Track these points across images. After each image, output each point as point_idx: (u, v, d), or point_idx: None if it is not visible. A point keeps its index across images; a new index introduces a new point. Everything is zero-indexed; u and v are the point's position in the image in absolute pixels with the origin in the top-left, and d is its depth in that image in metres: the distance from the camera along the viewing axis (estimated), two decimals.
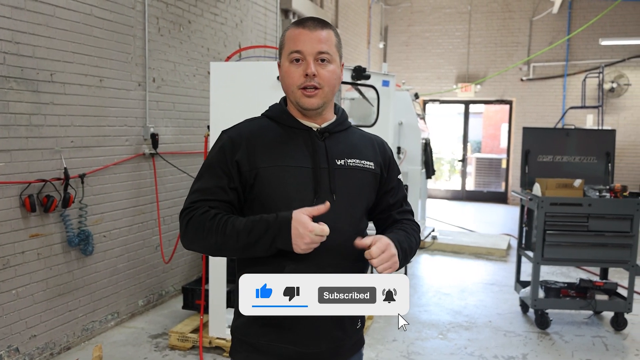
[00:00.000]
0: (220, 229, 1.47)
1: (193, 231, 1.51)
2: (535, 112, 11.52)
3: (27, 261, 3.63)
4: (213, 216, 1.50)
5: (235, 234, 1.46)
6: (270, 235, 1.44)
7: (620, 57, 10.88)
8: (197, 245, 1.55)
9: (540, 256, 4.53)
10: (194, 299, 4.35)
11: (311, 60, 1.53)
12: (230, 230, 1.47)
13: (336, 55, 1.59)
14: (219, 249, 1.51)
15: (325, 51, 1.55)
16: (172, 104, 5.02)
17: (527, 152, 5.04)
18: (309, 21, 1.58)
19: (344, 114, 1.71)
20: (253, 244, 1.46)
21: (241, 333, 1.61)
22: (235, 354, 1.64)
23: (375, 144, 1.72)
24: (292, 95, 1.58)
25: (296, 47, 1.54)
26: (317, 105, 1.56)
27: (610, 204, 4.48)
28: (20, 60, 3.50)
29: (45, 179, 3.68)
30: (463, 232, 8.56)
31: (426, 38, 12.34)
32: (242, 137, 1.57)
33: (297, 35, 1.56)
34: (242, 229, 1.46)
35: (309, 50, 1.53)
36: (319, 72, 1.54)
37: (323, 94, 1.56)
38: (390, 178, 1.72)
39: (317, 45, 1.54)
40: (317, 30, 1.55)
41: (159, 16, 4.79)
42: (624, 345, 4.34)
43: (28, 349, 3.66)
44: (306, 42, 1.54)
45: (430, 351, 4.16)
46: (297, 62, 1.55)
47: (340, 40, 1.63)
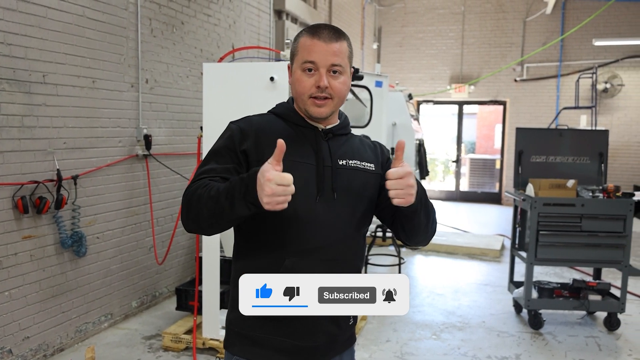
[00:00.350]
0: (206, 193, 1.44)
1: (188, 205, 1.49)
2: (529, 113, 11.55)
3: (20, 263, 3.62)
4: (205, 185, 1.47)
5: (216, 195, 1.42)
6: (242, 190, 1.38)
7: (613, 58, 10.92)
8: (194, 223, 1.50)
9: (533, 256, 4.54)
10: (188, 300, 4.34)
11: (324, 72, 1.56)
12: (214, 191, 1.43)
13: (347, 67, 1.62)
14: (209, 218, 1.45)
15: (338, 64, 1.57)
16: (165, 105, 5.01)
17: (521, 152, 5.05)
18: (324, 31, 1.58)
19: (347, 119, 1.75)
20: (231, 203, 1.40)
21: (237, 326, 1.62)
22: (230, 347, 1.65)
23: (375, 147, 1.78)
24: (301, 103, 1.61)
25: (310, 57, 1.56)
26: (326, 114, 1.60)
27: (603, 204, 4.49)
28: (13, 61, 3.49)
29: (38, 181, 3.67)
30: (457, 233, 8.58)
31: (420, 39, 12.36)
32: (251, 127, 1.60)
33: (312, 45, 1.57)
34: (222, 188, 1.42)
35: (322, 62, 1.56)
36: (330, 83, 1.56)
37: (332, 104, 1.59)
38: None
39: (330, 58, 1.56)
40: (332, 42, 1.57)
41: (151, 17, 4.78)
42: (617, 345, 4.36)
43: (21, 351, 3.65)
44: (320, 53, 1.56)
45: (423, 351, 4.17)
46: (310, 71, 1.57)
47: (352, 50, 1.66)
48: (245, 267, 1.60)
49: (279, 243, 1.56)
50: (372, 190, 1.69)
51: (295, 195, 1.49)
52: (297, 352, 1.59)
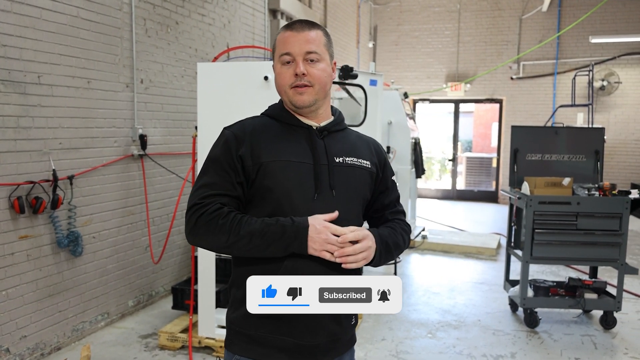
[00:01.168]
0: (234, 229, 1.50)
1: (204, 228, 1.52)
2: (526, 111, 11.56)
3: (16, 262, 3.63)
4: (226, 214, 1.52)
5: (249, 235, 1.49)
6: (286, 241, 1.50)
7: (610, 55, 10.93)
8: (205, 242, 1.55)
9: (529, 255, 4.54)
10: (184, 299, 4.35)
11: (300, 60, 1.59)
12: (245, 231, 1.49)
13: (325, 54, 1.64)
14: (228, 248, 1.52)
15: (314, 51, 1.60)
16: (160, 105, 5.01)
17: (516, 150, 5.04)
18: (297, 23, 1.64)
19: (341, 115, 1.77)
20: (266, 247, 1.50)
21: (238, 325, 1.62)
22: (231, 346, 1.65)
23: (371, 145, 1.78)
24: (285, 96, 1.64)
25: (285, 49, 1.60)
26: (309, 102, 1.61)
27: (599, 202, 4.49)
28: (7, 62, 3.49)
29: (33, 181, 3.68)
30: (453, 232, 8.59)
31: (416, 37, 12.36)
32: (245, 132, 1.61)
33: (287, 37, 1.62)
34: (257, 231, 1.50)
35: (297, 51, 1.59)
36: (308, 70, 1.59)
37: (314, 91, 1.61)
38: (385, 178, 1.78)
39: (304, 45, 1.59)
40: (304, 31, 1.61)
41: (146, 17, 4.78)
42: (612, 343, 4.37)
43: (18, 349, 3.67)
44: (294, 43, 1.60)
45: (419, 350, 4.18)
46: (288, 63, 1.61)
47: (330, 40, 1.69)
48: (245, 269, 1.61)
49: None
50: (366, 187, 1.71)
51: (292, 195, 1.57)
52: (299, 350, 1.59)
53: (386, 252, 1.64)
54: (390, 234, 1.68)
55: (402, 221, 1.79)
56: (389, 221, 1.76)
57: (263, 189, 1.57)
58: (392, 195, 1.79)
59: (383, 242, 1.62)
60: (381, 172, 1.76)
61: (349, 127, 1.79)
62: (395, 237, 1.69)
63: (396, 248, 1.69)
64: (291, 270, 1.54)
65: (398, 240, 1.70)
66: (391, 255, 1.67)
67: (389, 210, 1.78)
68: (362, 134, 1.84)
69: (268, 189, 1.57)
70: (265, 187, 1.57)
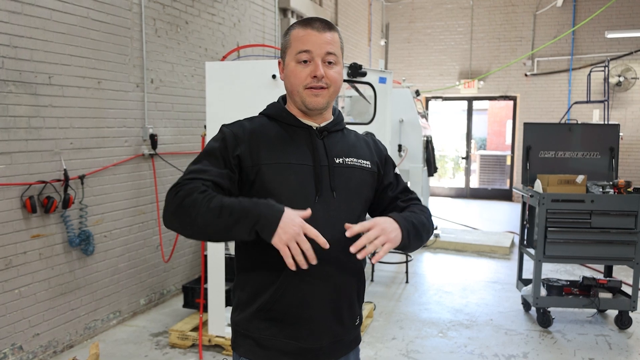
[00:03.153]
0: (205, 202, 1.39)
1: (177, 202, 1.42)
2: (540, 108, 11.43)
3: (29, 261, 3.67)
4: (203, 190, 1.43)
5: (219, 208, 1.38)
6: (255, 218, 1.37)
7: (627, 50, 10.74)
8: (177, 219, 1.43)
9: (541, 254, 4.49)
10: (194, 298, 4.37)
11: (319, 61, 1.55)
12: (216, 203, 1.38)
13: (340, 57, 1.61)
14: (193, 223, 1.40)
15: (333, 52, 1.56)
16: (170, 104, 5.03)
17: (529, 148, 4.98)
18: (317, 22, 1.58)
19: (340, 115, 1.73)
20: (233, 224, 1.38)
21: (243, 327, 1.61)
22: (237, 348, 1.64)
23: (370, 144, 1.75)
24: (297, 95, 1.58)
25: (305, 47, 1.55)
26: (323, 105, 1.58)
27: (614, 200, 4.42)
28: (19, 63, 3.52)
29: (45, 181, 3.71)
30: (466, 230, 8.52)
31: (428, 34, 12.28)
32: (245, 132, 1.57)
33: (305, 36, 1.56)
34: (228, 204, 1.39)
35: (317, 51, 1.54)
36: (326, 73, 1.55)
37: (329, 94, 1.58)
38: (387, 174, 1.75)
39: (325, 46, 1.55)
40: (325, 32, 1.56)
41: (155, 17, 4.80)
42: (628, 344, 4.30)
43: (32, 347, 3.71)
44: (315, 43, 1.54)
45: (429, 349, 4.15)
46: (305, 62, 1.56)
47: (342, 42, 1.66)
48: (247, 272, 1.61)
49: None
50: (368, 188, 1.68)
51: (294, 197, 1.52)
52: (302, 353, 1.58)
53: (415, 232, 1.57)
54: (411, 215, 1.61)
55: (419, 205, 1.73)
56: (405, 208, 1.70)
57: (263, 191, 1.52)
58: (399, 187, 1.76)
59: (408, 222, 1.55)
60: (382, 170, 1.73)
61: (347, 127, 1.76)
62: (419, 217, 1.62)
63: (423, 228, 1.62)
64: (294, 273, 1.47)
65: (422, 219, 1.63)
66: (420, 236, 1.60)
67: (401, 200, 1.73)
68: (359, 132, 1.81)
69: (268, 192, 1.52)
70: (265, 190, 1.53)
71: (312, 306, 1.55)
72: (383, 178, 1.73)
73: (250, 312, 1.58)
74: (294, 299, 1.54)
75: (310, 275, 1.52)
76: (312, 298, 1.55)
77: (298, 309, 1.55)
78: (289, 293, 1.54)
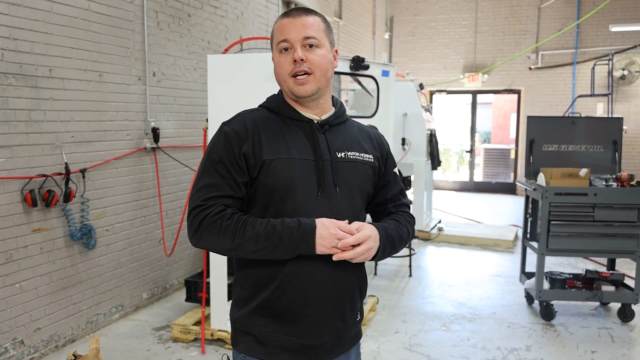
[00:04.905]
0: (239, 231, 1.45)
1: (208, 231, 1.47)
2: (544, 102, 11.37)
3: (30, 255, 3.66)
4: (230, 216, 1.47)
5: (255, 238, 1.45)
6: (294, 243, 1.45)
7: (631, 44, 10.68)
8: (209, 245, 1.50)
9: (544, 247, 4.47)
10: (197, 292, 4.37)
11: (298, 46, 1.53)
12: (250, 233, 1.45)
13: (325, 40, 1.58)
14: (233, 250, 1.47)
15: (312, 36, 1.54)
16: (172, 97, 5.01)
17: (532, 141, 4.96)
18: (294, 10, 1.58)
19: (342, 106, 1.71)
20: (273, 249, 1.46)
21: (242, 324, 1.60)
22: (237, 345, 1.63)
23: (373, 138, 1.73)
24: (284, 85, 1.57)
25: (282, 36, 1.54)
26: (311, 91, 1.55)
27: (617, 193, 4.40)
28: (19, 56, 3.51)
29: (46, 174, 3.70)
30: (470, 224, 8.50)
31: (432, 28, 12.22)
32: (246, 129, 1.55)
33: (284, 25, 1.56)
34: (263, 233, 1.45)
35: (294, 37, 1.53)
36: (307, 57, 1.53)
37: (315, 79, 1.55)
38: (387, 172, 1.74)
39: (302, 30, 1.53)
40: (301, 16, 1.55)
41: (157, 10, 4.77)
42: (630, 336, 4.29)
43: (33, 342, 3.71)
44: (291, 29, 1.54)
45: (432, 343, 4.14)
46: (286, 51, 1.55)
47: (330, 27, 1.63)
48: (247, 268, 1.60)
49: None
50: (369, 182, 1.67)
51: (296, 193, 1.52)
52: (303, 350, 1.57)
53: (390, 247, 1.62)
54: (396, 227, 1.66)
55: (407, 213, 1.76)
56: (393, 214, 1.74)
57: (266, 187, 1.52)
58: (395, 189, 1.76)
59: (389, 238, 1.60)
60: (383, 166, 1.72)
61: (350, 118, 1.73)
62: (400, 230, 1.67)
63: (400, 241, 1.67)
64: (295, 269, 1.52)
65: (402, 233, 1.68)
66: (395, 249, 1.66)
67: (392, 204, 1.75)
68: (364, 125, 1.79)
69: (271, 188, 1.52)
70: (268, 186, 1.52)
71: (313, 303, 1.54)
72: (383, 175, 1.73)
73: (250, 309, 1.57)
74: (295, 295, 1.53)
75: (312, 271, 1.52)
76: (313, 295, 1.54)
77: (299, 305, 1.54)
78: (290, 290, 1.53)
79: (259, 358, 1.58)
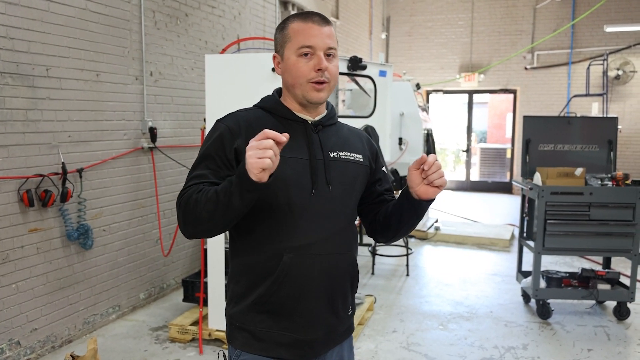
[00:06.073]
0: (203, 196, 1.43)
1: (183, 209, 1.48)
2: (540, 101, 11.41)
3: (26, 255, 3.65)
4: (200, 189, 1.47)
5: (214, 194, 1.41)
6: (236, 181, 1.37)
7: (625, 44, 10.73)
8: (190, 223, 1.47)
9: (541, 246, 4.49)
10: (194, 292, 4.36)
11: (322, 55, 1.56)
12: (211, 193, 1.42)
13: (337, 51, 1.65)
14: (209, 219, 1.43)
15: (334, 47, 1.59)
16: (170, 97, 5.01)
17: (528, 141, 4.99)
18: (316, 16, 1.60)
19: (333, 109, 1.74)
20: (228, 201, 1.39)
21: (238, 320, 1.62)
22: (233, 341, 1.65)
23: (362, 139, 1.78)
24: (299, 89, 1.58)
25: (308, 41, 1.55)
26: (325, 99, 1.61)
27: (612, 192, 4.43)
28: (16, 55, 3.49)
29: (42, 174, 3.69)
30: (466, 223, 8.52)
31: (429, 28, 12.24)
32: (240, 125, 1.57)
33: (307, 29, 1.56)
34: (220, 189, 1.41)
35: (320, 45, 1.56)
36: (328, 67, 1.57)
37: (329, 87, 1.60)
38: (377, 169, 1.78)
39: (327, 40, 1.57)
40: (324, 25, 1.59)
41: (155, 9, 4.77)
42: (626, 334, 4.31)
43: (29, 342, 3.69)
44: (317, 37, 1.56)
45: (430, 342, 4.15)
46: (306, 56, 1.56)
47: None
48: (242, 265, 1.62)
49: (275, 239, 1.56)
50: (361, 181, 1.70)
51: (290, 191, 1.54)
52: (298, 345, 1.60)
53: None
54: None
55: None
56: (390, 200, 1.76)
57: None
58: (386, 184, 1.80)
59: None
60: (374, 164, 1.76)
61: (339, 121, 1.78)
62: None
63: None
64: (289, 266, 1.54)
65: None
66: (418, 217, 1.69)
67: (388, 195, 1.79)
68: (352, 126, 1.83)
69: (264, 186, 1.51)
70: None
71: (308, 298, 1.58)
72: (374, 173, 1.76)
73: (246, 305, 1.59)
74: (291, 291, 1.56)
75: (307, 266, 1.56)
76: (308, 290, 1.57)
77: (294, 301, 1.57)
78: (286, 286, 1.55)
79: (255, 354, 1.60)
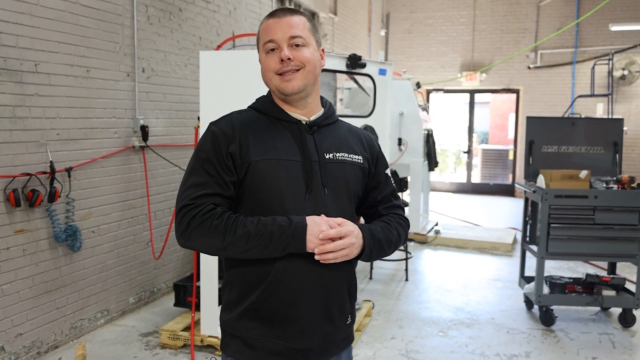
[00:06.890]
0: (230, 230, 1.45)
1: (197, 230, 1.46)
2: (543, 102, 11.29)
3: (12, 257, 3.54)
4: (220, 214, 1.47)
5: (246, 236, 1.44)
6: (285, 241, 1.45)
7: (631, 43, 10.63)
8: (198, 245, 1.50)
9: (544, 250, 4.40)
10: (186, 296, 4.24)
11: (285, 46, 1.54)
12: (241, 231, 1.44)
13: (311, 39, 1.59)
14: (223, 250, 1.47)
15: (298, 35, 1.55)
16: (162, 94, 4.90)
17: (531, 142, 4.90)
18: (279, 10, 1.60)
19: (332, 107, 1.71)
20: (264, 248, 1.45)
21: (231, 327, 1.60)
22: (226, 348, 1.63)
23: (363, 139, 1.73)
24: (271, 84, 1.58)
25: (268, 36, 1.56)
26: (298, 88, 1.56)
27: (618, 195, 4.35)
28: (3, 50, 3.40)
29: (30, 173, 3.59)
30: (467, 226, 8.40)
31: (429, 25, 12.11)
32: (234, 129, 1.56)
33: (269, 25, 1.57)
34: (254, 231, 1.45)
35: (280, 36, 1.54)
36: (294, 55, 1.54)
37: (303, 75, 1.56)
38: (377, 173, 1.73)
39: (288, 30, 1.54)
40: (287, 16, 1.57)
41: (147, 4, 4.66)
42: (631, 342, 4.21)
43: (14, 348, 3.58)
44: (277, 29, 1.55)
45: (429, 349, 4.03)
46: (272, 51, 1.56)
47: (316, 27, 1.64)
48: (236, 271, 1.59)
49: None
50: (358, 184, 1.67)
51: (284, 194, 1.53)
52: (291, 354, 1.56)
53: (378, 249, 1.60)
54: (384, 228, 1.65)
55: (398, 215, 1.75)
56: (384, 216, 1.72)
57: (253, 188, 1.53)
58: (386, 190, 1.75)
59: (375, 239, 1.59)
60: (373, 167, 1.72)
61: (340, 119, 1.74)
62: (388, 232, 1.65)
63: (389, 244, 1.65)
64: (283, 272, 1.52)
65: (391, 235, 1.66)
66: (384, 251, 1.64)
67: (383, 205, 1.74)
68: (354, 125, 1.78)
69: (258, 189, 1.53)
70: (255, 187, 1.53)
71: (302, 305, 1.55)
72: (374, 177, 1.72)
73: (239, 312, 1.57)
74: (283, 298, 1.53)
75: (300, 273, 1.53)
76: (301, 297, 1.54)
77: (287, 308, 1.54)
78: (278, 292, 1.53)
79: None
